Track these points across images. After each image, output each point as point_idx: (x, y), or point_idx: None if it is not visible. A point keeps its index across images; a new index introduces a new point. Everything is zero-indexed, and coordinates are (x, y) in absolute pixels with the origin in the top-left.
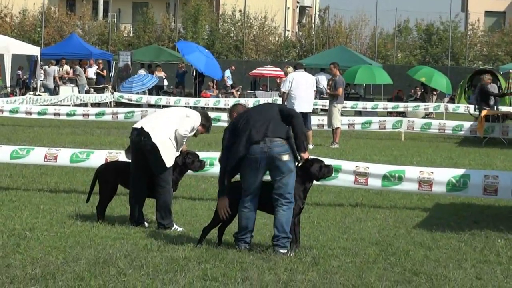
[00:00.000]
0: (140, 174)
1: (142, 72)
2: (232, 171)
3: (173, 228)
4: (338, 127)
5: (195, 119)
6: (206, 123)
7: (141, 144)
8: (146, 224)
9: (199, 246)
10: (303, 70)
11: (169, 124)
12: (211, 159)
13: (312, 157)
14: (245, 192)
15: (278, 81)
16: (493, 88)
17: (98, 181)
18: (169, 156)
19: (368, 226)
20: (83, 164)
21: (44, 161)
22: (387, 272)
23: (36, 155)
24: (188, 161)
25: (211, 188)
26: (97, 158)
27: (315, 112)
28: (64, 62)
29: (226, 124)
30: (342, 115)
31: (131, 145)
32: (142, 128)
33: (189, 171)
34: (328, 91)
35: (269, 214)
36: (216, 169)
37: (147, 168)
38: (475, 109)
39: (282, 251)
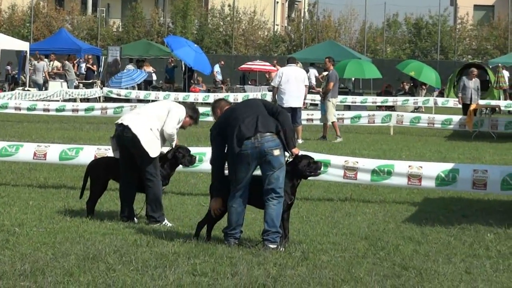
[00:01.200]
0: (128, 169)
1: (130, 67)
2: (223, 170)
3: (163, 222)
4: (334, 121)
5: (179, 112)
6: (193, 114)
7: (123, 137)
8: (135, 219)
9: (194, 240)
10: (295, 64)
11: (150, 117)
12: (201, 154)
13: (302, 153)
14: (235, 187)
15: (267, 76)
16: (474, 83)
17: (89, 177)
18: (151, 147)
19: (358, 220)
20: (72, 161)
21: (33, 158)
22: (376, 266)
23: (25, 153)
24: (178, 155)
25: (201, 183)
26: (86, 155)
27: (304, 107)
28: (53, 57)
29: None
30: None
31: (116, 141)
32: (122, 122)
33: (179, 166)
34: (319, 87)
35: (259, 209)
36: (205, 164)
37: (134, 162)
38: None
39: (271, 246)
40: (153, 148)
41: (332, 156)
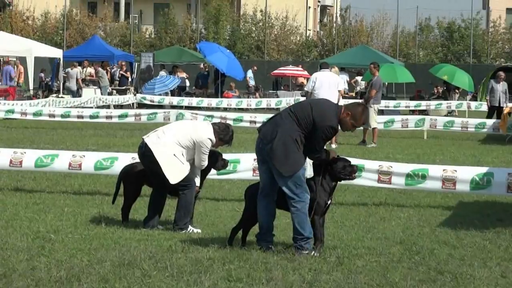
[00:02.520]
0: (158, 180)
1: (163, 73)
2: None
3: (188, 230)
4: (375, 127)
5: (206, 142)
6: (225, 136)
7: (144, 157)
8: (160, 227)
9: (229, 247)
10: (328, 69)
11: (173, 142)
12: (234, 161)
13: (340, 156)
14: (260, 189)
15: (294, 81)
16: (502, 86)
17: (122, 183)
18: (173, 173)
19: (392, 225)
20: (108, 171)
21: (68, 169)
22: (411, 271)
23: (61, 163)
24: (211, 160)
25: (235, 189)
26: (121, 164)
27: None
28: (86, 64)
29: (248, 125)
30: None
31: (138, 156)
32: (146, 143)
33: (213, 171)
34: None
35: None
36: (240, 168)
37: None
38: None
39: (304, 252)
40: (175, 174)
41: (366, 161)
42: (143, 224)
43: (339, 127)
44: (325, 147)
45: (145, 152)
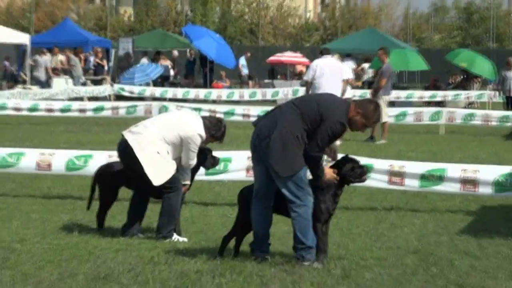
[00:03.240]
0: (140, 181)
1: (145, 61)
2: None
3: (172, 238)
4: (385, 122)
5: (195, 138)
6: (217, 132)
7: (125, 154)
8: (140, 235)
9: (219, 257)
10: (330, 56)
11: (158, 139)
12: (225, 160)
13: (346, 155)
14: (255, 191)
15: (292, 69)
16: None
17: (98, 185)
18: (157, 173)
19: (405, 232)
20: (81, 172)
21: (36, 169)
22: (428, 285)
23: (27, 162)
24: (199, 157)
25: (226, 192)
26: (97, 164)
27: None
28: (57, 51)
29: (241, 119)
30: None
31: (117, 152)
32: (126, 139)
33: (201, 171)
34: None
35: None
36: (232, 168)
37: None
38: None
39: (305, 263)
40: (159, 175)
41: (376, 160)
42: (122, 232)
43: (348, 127)
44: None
45: (125, 150)
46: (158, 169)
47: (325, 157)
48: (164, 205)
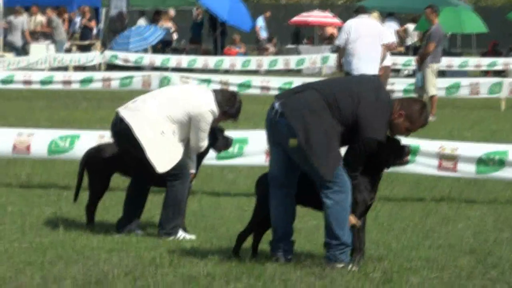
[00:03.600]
0: (139, 167)
1: (142, 22)
2: None
3: (178, 235)
4: (434, 95)
5: (206, 115)
6: (230, 108)
7: (121, 135)
8: (139, 231)
9: (234, 258)
10: (367, 15)
11: (161, 116)
12: (241, 141)
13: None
14: (271, 178)
15: (321, 32)
16: None
17: (86, 171)
18: (161, 158)
19: (459, 228)
20: (66, 155)
21: (12, 153)
22: None
23: (2, 145)
24: (209, 138)
25: (241, 180)
26: (85, 147)
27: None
28: (36, 11)
29: (259, 92)
30: None
31: (111, 132)
32: (122, 116)
33: (211, 155)
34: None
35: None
36: (248, 151)
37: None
38: None
39: (338, 265)
40: (164, 160)
41: (423, 141)
42: (117, 228)
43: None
44: None
45: (122, 130)
46: (163, 153)
47: None
48: (168, 196)
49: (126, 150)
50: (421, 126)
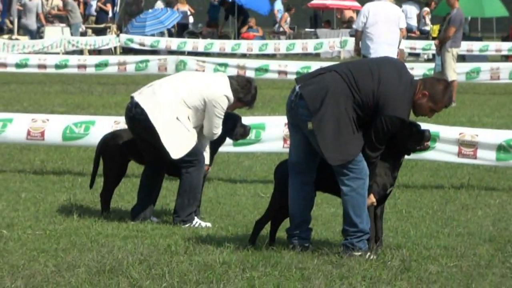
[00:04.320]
0: (152, 149)
1: (160, 5)
2: None
3: (193, 223)
4: (454, 80)
5: (222, 102)
6: (245, 96)
7: (134, 125)
8: (154, 219)
9: (250, 246)
10: None
11: (176, 101)
12: (257, 127)
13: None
14: (291, 164)
15: (339, 15)
16: None
17: (102, 158)
18: (175, 144)
19: (478, 216)
20: (81, 142)
21: (27, 139)
22: (506, 280)
23: (16, 131)
24: (226, 126)
25: (258, 166)
26: (100, 133)
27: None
28: None
29: (276, 77)
30: None
31: (126, 119)
32: (137, 102)
33: (227, 141)
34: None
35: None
36: (265, 137)
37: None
38: None
39: (356, 253)
40: (178, 145)
41: (442, 127)
42: (131, 215)
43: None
44: None
45: (136, 115)
46: (178, 139)
47: None
48: (183, 183)
49: (140, 136)
50: (445, 106)
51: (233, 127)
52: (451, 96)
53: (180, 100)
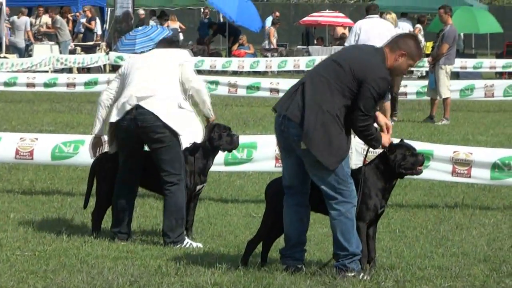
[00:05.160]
0: (132, 164)
1: (153, 23)
2: None
3: (184, 243)
4: (447, 97)
5: (188, 55)
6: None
7: (138, 127)
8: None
9: (242, 267)
10: (378, 16)
11: (170, 85)
12: (250, 145)
13: (396, 141)
14: (286, 187)
15: (332, 33)
16: None
17: (95, 178)
18: (188, 134)
19: (473, 235)
20: (70, 161)
21: (15, 158)
22: None
23: (4, 150)
24: (214, 136)
25: (250, 186)
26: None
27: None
28: (42, 12)
29: (268, 95)
30: None
31: (117, 132)
32: (138, 104)
33: (219, 161)
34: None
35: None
36: (256, 156)
37: (141, 155)
38: None
39: (349, 274)
40: (190, 135)
41: (436, 145)
42: (111, 231)
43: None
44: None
45: (144, 123)
46: (189, 128)
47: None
48: (169, 204)
49: (136, 147)
50: (419, 59)
51: (220, 136)
52: (422, 47)
53: (168, 84)
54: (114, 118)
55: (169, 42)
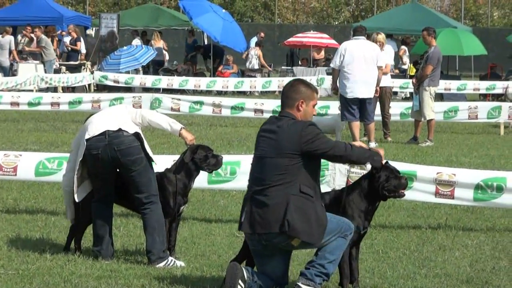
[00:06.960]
0: (106, 182)
1: (137, 42)
2: None
3: (169, 260)
4: (431, 119)
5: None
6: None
7: (112, 150)
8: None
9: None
10: (364, 37)
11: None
12: (233, 164)
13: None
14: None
15: (314, 54)
16: None
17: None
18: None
19: (456, 256)
20: (54, 177)
21: None
22: None
23: None
24: (197, 157)
25: (233, 206)
26: None
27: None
28: (29, 31)
29: (252, 115)
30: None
31: (90, 164)
32: (105, 131)
33: (202, 179)
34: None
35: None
36: (240, 179)
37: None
38: None
39: (309, 285)
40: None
41: (420, 166)
42: (98, 254)
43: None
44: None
45: (114, 140)
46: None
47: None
48: (149, 221)
49: (111, 173)
50: (317, 93)
51: (205, 158)
52: (309, 82)
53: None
54: (81, 155)
55: None
